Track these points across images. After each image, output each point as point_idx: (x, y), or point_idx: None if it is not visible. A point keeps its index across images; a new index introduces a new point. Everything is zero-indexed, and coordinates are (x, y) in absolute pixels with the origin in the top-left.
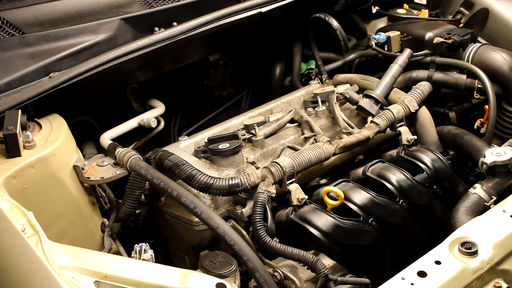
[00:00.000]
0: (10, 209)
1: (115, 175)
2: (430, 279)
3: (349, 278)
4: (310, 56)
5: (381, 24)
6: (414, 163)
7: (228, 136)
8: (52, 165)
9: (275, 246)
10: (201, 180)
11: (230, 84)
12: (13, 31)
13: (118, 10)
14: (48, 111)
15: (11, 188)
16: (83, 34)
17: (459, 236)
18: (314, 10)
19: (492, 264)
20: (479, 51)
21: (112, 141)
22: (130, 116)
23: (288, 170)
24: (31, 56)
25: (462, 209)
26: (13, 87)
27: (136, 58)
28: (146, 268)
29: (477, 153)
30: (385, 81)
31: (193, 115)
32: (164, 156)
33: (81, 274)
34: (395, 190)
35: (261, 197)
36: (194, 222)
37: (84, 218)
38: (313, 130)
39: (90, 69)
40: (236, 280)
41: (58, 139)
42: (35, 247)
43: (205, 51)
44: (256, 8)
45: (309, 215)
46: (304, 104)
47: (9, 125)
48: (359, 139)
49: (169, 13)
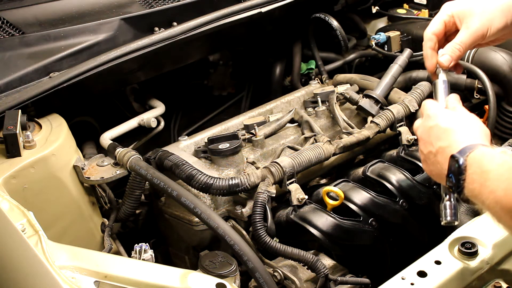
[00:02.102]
0: (10, 209)
1: (115, 175)
2: (430, 279)
3: (349, 278)
4: (310, 56)
5: (381, 24)
6: (414, 163)
7: (228, 136)
8: (52, 165)
9: (275, 246)
10: (201, 180)
11: (230, 84)
12: (13, 31)
13: (118, 10)
14: (48, 111)
15: (11, 188)
16: (83, 34)
17: (459, 236)
18: (314, 10)
19: (492, 264)
20: (479, 51)
21: (112, 141)
22: (130, 116)
23: (288, 170)
24: (31, 56)
25: (462, 209)
26: (13, 87)
27: (136, 58)
28: (146, 268)
29: None
30: (385, 81)
31: (193, 115)
32: (164, 156)
33: (81, 274)
34: (395, 190)
35: (261, 197)
36: (194, 222)
37: (84, 218)
38: (313, 130)
39: (90, 69)
40: (236, 280)
41: (58, 139)
42: (35, 247)
43: (205, 51)
44: (256, 8)
45: (309, 215)
46: (304, 104)
47: (9, 125)
48: (359, 139)
49: (169, 13)
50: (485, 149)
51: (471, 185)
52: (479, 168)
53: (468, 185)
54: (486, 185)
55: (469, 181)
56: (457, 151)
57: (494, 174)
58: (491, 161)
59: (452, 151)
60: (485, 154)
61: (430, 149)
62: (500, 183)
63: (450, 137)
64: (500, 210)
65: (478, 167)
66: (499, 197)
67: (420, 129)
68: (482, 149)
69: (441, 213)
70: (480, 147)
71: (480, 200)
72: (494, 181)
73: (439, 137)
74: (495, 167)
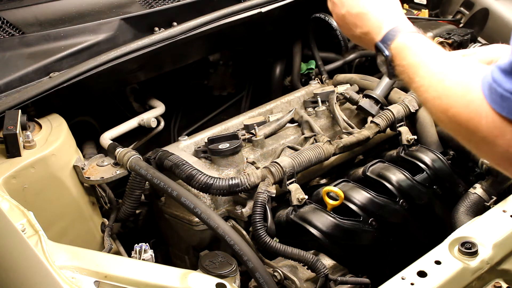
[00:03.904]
0: (10, 209)
1: (115, 175)
2: (430, 279)
3: (349, 278)
4: (310, 56)
5: None
6: (414, 163)
7: (228, 136)
8: (52, 165)
9: (275, 246)
10: (201, 180)
11: (230, 84)
12: (13, 31)
13: (118, 10)
14: (48, 111)
15: (11, 188)
16: (83, 34)
17: (459, 236)
18: (314, 10)
19: (492, 264)
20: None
21: (112, 141)
22: (130, 116)
23: (288, 170)
24: (31, 56)
25: (462, 209)
26: (13, 87)
27: (136, 58)
28: (146, 268)
29: None
30: (385, 81)
31: (193, 115)
32: (164, 156)
33: (81, 274)
34: (395, 190)
35: (261, 197)
36: (194, 222)
37: (84, 218)
38: (313, 130)
39: (90, 69)
40: (236, 280)
41: (58, 139)
42: (35, 247)
43: (205, 51)
44: (256, 8)
45: (309, 215)
46: (304, 104)
47: (9, 125)
48: (359, 139)
49: (169, 13)
50: (406, 37)
51: (401, 75)
52: (405, 60)
53: (398, 74)
54: (415, 81)
55: (398, 72)
56: (379, 39)
57: (421, 71)
58: (415, 54)
59: (374, 38)
60: (407, 46)
61: (352, 33)
62: (426, 81)
63: (366, 22)
64: (432, 108)
65: (403, 59)
66: (430, 98)
67: (334, 16)
68: (403, 38)
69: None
70: (400, 35)
71: (412, 89)
72: (421, 79)
73: (356, 24)
74: (419, 61)
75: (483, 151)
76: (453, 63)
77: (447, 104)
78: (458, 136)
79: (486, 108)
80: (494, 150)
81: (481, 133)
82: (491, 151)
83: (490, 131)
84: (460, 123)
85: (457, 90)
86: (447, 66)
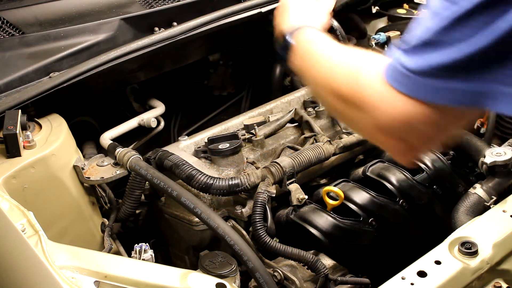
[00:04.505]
0: (10, 209)
1: (115, 175)
2: (430, 279)
3: (349, 278)
4: None
5: (381, 24)
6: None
7: (228, 136)
8: (52, 165)
9: (275, 246)
10: (201, 180)
11: (230, 84)
12: (13, 31)
13: (118, 10)
14: (48, 111)
15: (11, 188)
16: (83, 34)
17: (459, 236)
18: None
19: (492, 264)
20: None
21: (112, 141)
22: (130, 116)
23: (288, 170)
24: (31, 56)
25: (462, 209)
26: (13, 87)
27: (136, 58)
28: (146, 268)
29: (477, 153)
30: None
31: (193, 115)
32: (164, 156)
33: (81, 274)
34: (395, 190)
35: (261, 197)
36: (194, 222)
37: (84, 218)
38: (313, 130)
39: (90, 69)
40: (236, 280)
41: (58, 139)
42: (35, 247)
43: (205, 51)
44: (256, 8)
45: (309, 215)
46: (304, 104)
47: (9, 125)
48: (359, 139)
49: (169, 13)
50: (310, 32)
51: (297, 68)
52: (303, 49)
53: (295, 66)
54: (308, 65)
55: (294, 59)
56: (288, 30)
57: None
58: (314, 44)
59: (284, 30)
60: (308, 40)
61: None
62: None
63: (284, 13)
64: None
65: (302, 48)
66: (319, 78)
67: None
68: (307, 32)
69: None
70: (306, 30)
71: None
72: (314, 62)
73: (281, 12)
74: (315, 48)
75: (362, 120)
76: (345, 49)
77: (335, 82)
78: (343, 113)
79: (377, 84)
80: (377, 119)
81: (366, 103)
82: (372, 120)
83: (377, 100)
84: (346, 98)
85: (346, 69)
86: (338, 51)
